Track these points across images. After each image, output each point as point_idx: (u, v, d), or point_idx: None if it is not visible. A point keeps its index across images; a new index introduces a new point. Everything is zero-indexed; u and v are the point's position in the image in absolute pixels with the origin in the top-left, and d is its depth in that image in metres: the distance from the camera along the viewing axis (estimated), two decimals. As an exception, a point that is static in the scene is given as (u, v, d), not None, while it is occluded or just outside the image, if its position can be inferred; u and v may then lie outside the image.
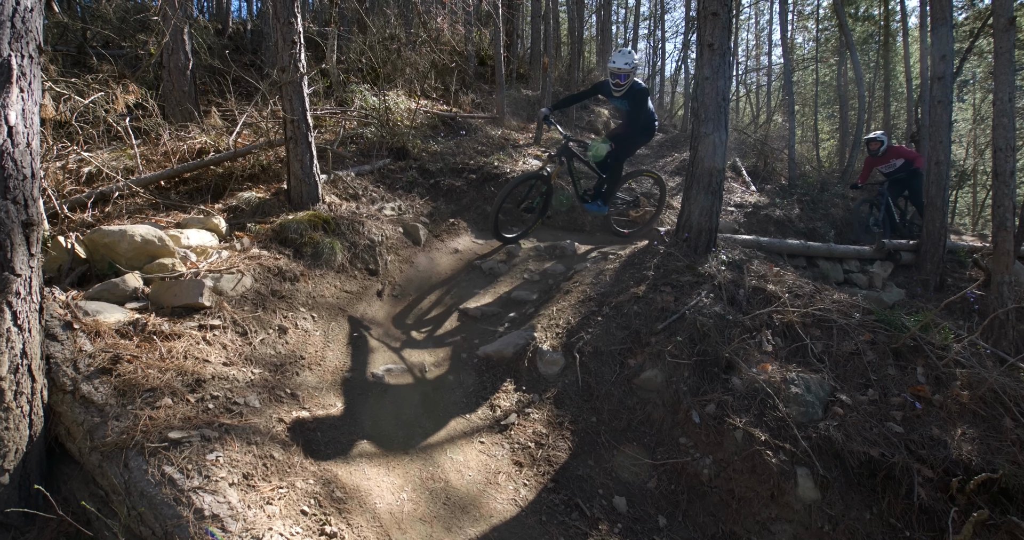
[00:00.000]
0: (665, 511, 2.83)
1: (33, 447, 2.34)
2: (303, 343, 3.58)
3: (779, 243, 5.93)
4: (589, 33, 16.73)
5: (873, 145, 7.57)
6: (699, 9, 4.23)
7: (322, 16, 10.05)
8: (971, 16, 12.04)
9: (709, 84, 4.11)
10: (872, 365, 3.23)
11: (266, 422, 2.70)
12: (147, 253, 3.55)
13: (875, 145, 7.56)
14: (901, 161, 7.51)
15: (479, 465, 2.98)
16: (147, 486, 2.14)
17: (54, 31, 7.40)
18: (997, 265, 4.53)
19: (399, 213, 5.61)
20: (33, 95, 2.38)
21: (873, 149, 7.58)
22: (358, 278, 4.52)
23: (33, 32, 2.35)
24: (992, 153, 4.71)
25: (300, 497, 2.34)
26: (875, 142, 7.58)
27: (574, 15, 11.48)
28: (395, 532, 2.45)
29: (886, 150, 7.56)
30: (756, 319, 3.55)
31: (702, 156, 4.16)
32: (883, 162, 7.66)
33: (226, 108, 6.42)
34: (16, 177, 2.28)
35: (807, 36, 19.15)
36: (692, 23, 14.49)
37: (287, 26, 4.53)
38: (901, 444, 2.77)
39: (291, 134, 4.67)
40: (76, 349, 2.65)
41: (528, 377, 3.60)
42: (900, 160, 7.52)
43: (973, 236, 10.43)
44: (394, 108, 7.17)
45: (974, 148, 16.51)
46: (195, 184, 5.07)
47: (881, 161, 7.66)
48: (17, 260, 2.29)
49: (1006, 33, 4.59)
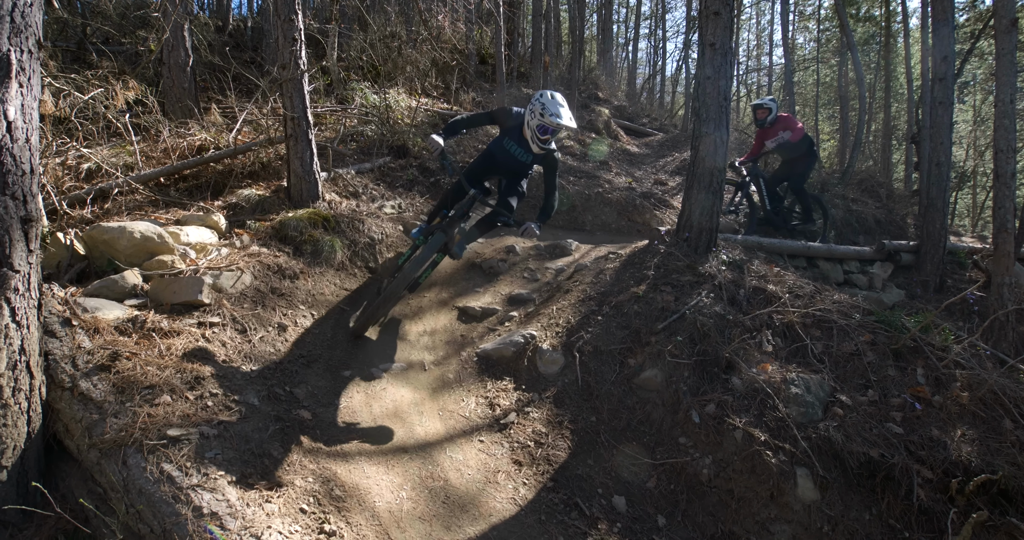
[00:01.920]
0: (664, 511, 2.82)
1: (31, 444, 2.33)
2: (302, 341, 3.57)
3: (779, 243, 5.93)
4: (590, 32, 16.72)
5: (760, 113, 6.53)
6: (701, 8, 4.22)
7: (323, 13, 10.02)
8: (972, 17, 12.04)
9: (711, 83, 4.10)
10: (872, 366, 3.23)
11: (265, 420, 2.69)
12: (146, 250, 3.54)
13: (762, 113, 6.52)
14: (788, 134, 6.42)
15: (478, 464, 2.97)
16: (146, 484, 2.13)
17: (54, 27, 7.37)
18: (997, 266, 4.53)
19: (399, 211, 5.60)
20: (32, 90, 2.37)
21: (760, 118, 6.54)
22: (358, 276, 4.51)
23: (32, 27, 2.33)
24: (993, 154, 4.71)
25: (299, 495, 2.34)
26: (762, 109, 6.52)
27: (575, 14, 11.48)
28: (394, 531, 2.45)
29: (775, 120, 6.51)
30: (756, 319, 3.54)
31: (703, 156, 4.15)
32: (771, 135, 6.53)
33: (226, 105, 6.40)
34: (15, 173, 2.27)
35: (808, 36, 19.16)
36: (693, 23, 14.49)
37: (288, 23, 4.51)
38: (901, 445, 2.77)
39: (291, 131, 4.66)
40: (75, 346, 2.64)
41: (528, 376, 3.59)
42: (788, 132, 6.42)
43: (972, 238, 10.44)
44: (395, 106, 7.16)
45: (974, 149, 16.52)
46: (195, 181, 5.05)
47: (770, 134, 6.55)
48: (16, 256, 2.28)
49: (1008, 34, 4.59)
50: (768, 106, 6.50)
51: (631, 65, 18.76)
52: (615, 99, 12.73)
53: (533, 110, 3.71)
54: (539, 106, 3.70)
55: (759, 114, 6.52)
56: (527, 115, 3.77)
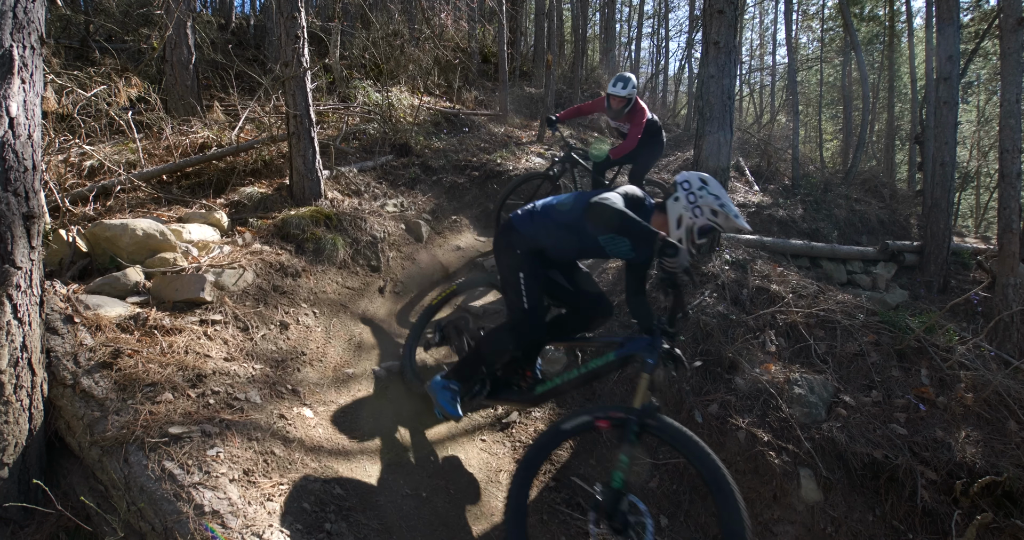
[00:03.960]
0: (667, 511, 2.81)
1: (33, 441, 2.33)
2: (304, 339, 3.57)
3: (783, 243, 5.91)
4: (593, 31, 16.71)
5: (615, 102, 4.88)
6: (704, 7, 4.21)
7: (325, 11, 10.01)
8: (976, 17, 11.99)
9: (714, 82, 4.09)
10: (876, 366, 3.22)
11: (267, 418, 2.68)
12: (149, 247, 3.53)
13: (617, 102, 4.87)
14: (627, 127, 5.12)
15: (480, 463, 2.96)
16: (147, 481, 2.12)
17: (57, 24, 7.37)
18: (1002, 267, 4.51)
19: (401, 210, 5.59)
20: (35, 87, 2.36)
21: (616, 107, 4.92)
22: (360, 274, 4.50)
23: (35, 23, 2.33)
24: (999, 155, 4.68)
25: (301, 494, 2.33)
26: (618, 99, 4.85)
27: (578, 13, 11.46)
28: (396, 529, 2.44)
29: (631, 111, 4.97)
30: (760, 319, 3.53)
31: (706, 155, 4.14)
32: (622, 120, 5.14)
33: (229, 103, 6.39)
34: (17, 169, 2.26)
35: (812, 36, 19.12)
36: (696, 22, 14.45)
37: (290, 21, 4.50)
38: (905, 446, 2.76)
39: (294, 129, 4.65)
40: (77, 343, 2.63)
41: (530, 375, 3.58)
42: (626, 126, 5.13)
43: (976, 238, 10.41)
44: (397, 104, 7.15)
45: (978, 150, 16.47)
46: (197, 179, 5.05)
47: (621, 119, 5.12)
48: (18, 253, 2.28)
49: (1014, 33, 4.56)
50: (627, 97, 4.83)
51: (634, 64, 18.73)
52: (618, 98, 12.68)
53: (699, 203, 2.40)
54: (709, 197, 2.40)
55: (614, 102, 4.91)
56: (682, 209, 2.42)
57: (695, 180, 2.44)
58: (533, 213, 2.74)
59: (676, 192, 2.45)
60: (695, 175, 2.47)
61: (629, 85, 4.77)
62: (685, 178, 2.48)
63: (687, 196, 2.42)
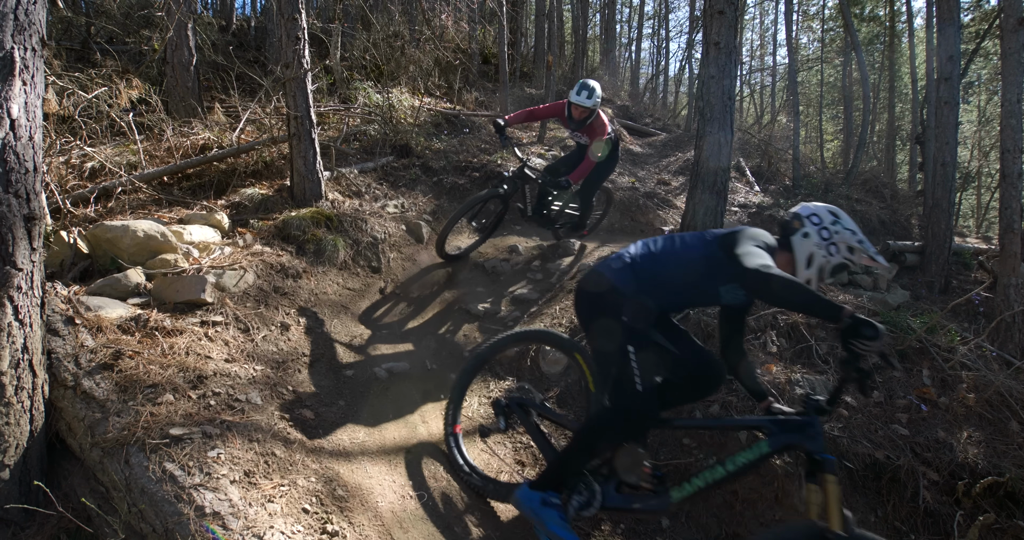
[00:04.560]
0: (668, 512, 2.80)
1: (33, 443, 2.33)
2: (305, 340, 3.57)
3: (783, 244, 5.90)
4: (593, 32, 16.72)
5: (577, 111, 4.58)
6: (705, 8, 4.21)
7: (326, 13, 10.03)
8: (977, 17, 11.99)
9: (715, 83, 4.09)
10: (877, 367, 3.21)
11: (268, 419, 2.68)
12: (149, 249, 3.53)
13: (580, 112, 4.57)
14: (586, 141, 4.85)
15: (481, 464, 2.96)
16: (148, 483, 2.12)
17: (58, 26, 7.38)
18: (1003, 267, 4.50)
19: (402, 211, 5.59)
20: (36, 88, 2.36)
21: (577, 117, 4.62)
22: (360, 275, 4.50)
23: (36, 25, 2.33)
24: (1000, 155, 4.68)
25: (302, 495, 2.33)
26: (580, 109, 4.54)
27: (578, 14, 11.47)
28: (397, 531, 2.44)
29: (592, 123, 4.70)
30: (761, 320, 3.52)
31: (707, 156, 4.14)
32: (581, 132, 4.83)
33: (229, 104, 6.40)
34: (18, 171, 2.27)
35: (812, 36, 19.12)
36: (696, 22, 14.46)
37: (291, 22, 4.51)
38: (906, 447, 2.75)
39: (294, 131, 4.66)
40: (78, 344, 2.64)
41: (531, 376, 3.58)
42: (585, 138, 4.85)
43: (977, 238, 10.39)
44: (397, 105, 7.15)
45: (979, 150, 16.45)
46: (198, 180, 5.05)
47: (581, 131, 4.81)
48: (19, 254, 2.28)
49: (1015, 33, 4.55)
50: (591, 106, 4.54)
51: (634, 65, 18.75)
52: (618, 99, 12.71)
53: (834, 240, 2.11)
54: (845, 233, 2.12)
55: (575, 112, 4.61)
56: (814, 246, 2.12)
57: (824, 213, 2.14)
58: (633, 266, 2.26)
59: (803, 227, 2.13)
60: (822, 207, 2.17)
61: (594, 95, 4.41)
62: (812, 211, 2.16)
63: (819, 232, 2.10)
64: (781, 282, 1.85)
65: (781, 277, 1.86)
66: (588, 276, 2.39)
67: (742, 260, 1.99)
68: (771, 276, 1.87)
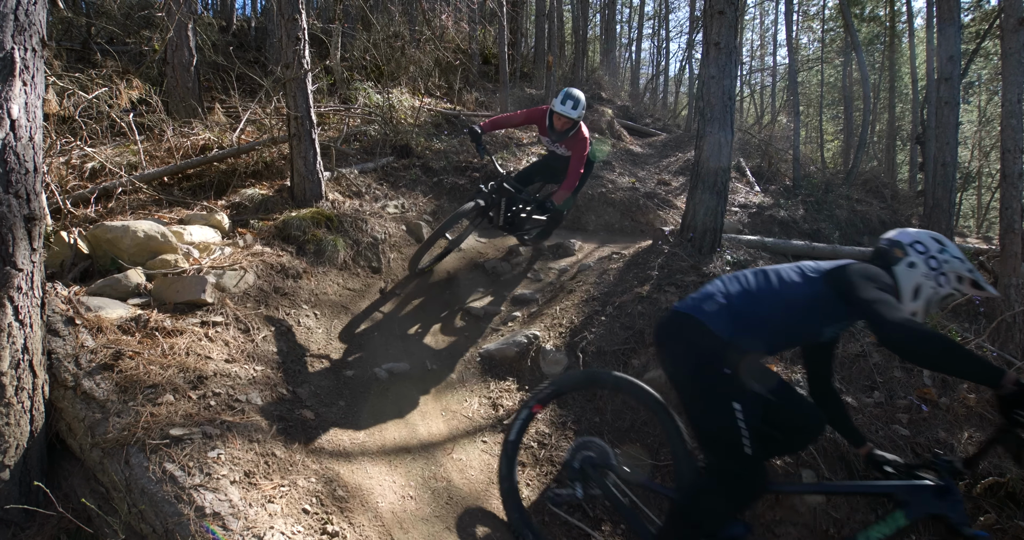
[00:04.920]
0: (668, 512, 2.80)
1: (34, 443, 2.33)
2: (305, 340, 3.57)
3: (784, 244, 5.90)
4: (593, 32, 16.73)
5: (561, 122, 4.35)
6: (705, 8, 4.21)
7: (326, 13, 10.03)
8: (977, 17, 11.99)
9: (715, 83, 4.09)
10: (878, 367, 3.21)
11: (268, 420, 2.68)
12: (150, 249, 3.54)
13: (563, 123, 4.35)
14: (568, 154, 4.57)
15: (481, 464, 2.96)
16: (148, 483, 2.12)
17: (59, 27, 7.39)
18: (1004, 268, 4.49)
19: (402, 211, 5.60)
20: (36, 89, 2.36)
21: (560, 128, 4.38)
22: (361, 276, 4.50)
23: (36, 25, 2.33)
24: (1000, 155, 4.67)
25: (302, 496, 2.33)
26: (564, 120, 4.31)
27: (578, 14, 11.48)
28: (397, 532, 2.44)
29: (575, 135, 4.44)
30: (761, 320, 3.52)
31: (707, 156, 4.13)
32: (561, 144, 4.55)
33: (230, 105, 6.40)
34: (19, 171, 2.27)
35: (812, 36, 19.13)
36: (696, 22, 14.47)
37: (291, 23, 4.51)
38: (907, 447, 2.75)
39: (295, 131, 4.66)
40: (78, 345, 2.64)
41: (531, 377, 3.58)
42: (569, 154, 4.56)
43: (978, 239, 10.40)
44: (398, 106, 7.15)
45: (979, 150, 16.46)
46: (198, 180, 5.05)
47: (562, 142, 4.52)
48: (19, 255, 2.28)
49: (1015, 33, 4.54)
50: (576, 117, 4.31)
51: (634, 65, 18.75)
52: (618, 99, 12.71)
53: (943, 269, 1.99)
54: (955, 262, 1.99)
55: (557, 122, 4.38)
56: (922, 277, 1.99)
57: (929, 240, 1.99)
58: (730, 307, 2.00)
59: (908, 256, 1.97)
60: (925, 234, 2.02)
61: (579, 106, 4.19)
62: (915, 238, 2.00)
63: (926, 261, 1.95)
64: (939, 345, 1.64)
65: (938, 338, 1.65)
66: (674, 320, 2.11)
67: (879, 311, 1.76)
68: (926, 337, 1.65)
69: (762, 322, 1.98)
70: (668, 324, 2.14)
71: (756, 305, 2.00)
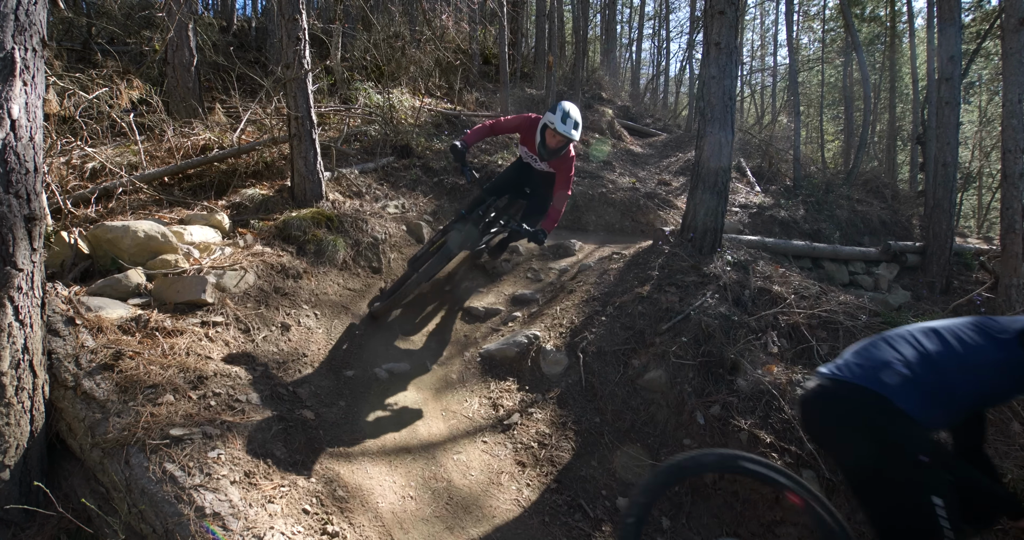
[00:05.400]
0: (668, 513, 2.80)
1: (34, 443, 2.33)
2: (306, 340, 3.57)
3: (784, 244, 5.91)
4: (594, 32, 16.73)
5: (555, 140, 3.83)
6: (705, 8, 4.21)
7: (327, 13, 10.03)
8: (978, 18, 11.98)
9: (715, 83, 4.08)
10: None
11: (268, 420, 2.68)
12: (150, 249, 3.54)
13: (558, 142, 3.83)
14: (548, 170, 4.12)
15: (482, 465, 2.96)
16: (148, 483, 2.12)
17: (59, 27, 7.39)
18: (1005, 268, 4.50)
19: (402, 211, 5.59)
20: (36, 89, 2.37)
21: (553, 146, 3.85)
22: (361, 276, 4.50)
23: (37, 25, 2.33)
24: (1001, 155, 4.67)
25: (302, 496, 2.33)
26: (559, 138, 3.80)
27: (579, 14, 11.47)
28: (397, 532, 2.44)
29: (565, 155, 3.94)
30: (761, 320, 3.52)
31: (708, 156, 4.13)
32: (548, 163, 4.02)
33: (230, 105, 6.40)
34: (19, 171, 2.27)
35: (812, 37, 19.12)
36: (697, 23, 14.47)
37: (292, 23, 4.51)
38: None
39: (295, 131, 4.66)
40: (78, 345, 2.64)
41: (531, 377, 3.58)
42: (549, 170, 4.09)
43: (978, 239, 10.39)
44: (398, 106, 7.15)
45: (979, 150, 16.44)
46: (199, 180, 5.05)
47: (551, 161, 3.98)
48: (19, 255, 2.28)
49: (1016, 33, 4.55)
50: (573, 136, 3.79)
51: (635, 65, 18.75)
52: (619, 99, 12.71)
53: None
54: None
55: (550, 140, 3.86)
56: None
57: None
58: (915, 379, 1.69)
59: None
60: None
61: (579, 128, 3.79)
62: None
63: None
64: None
65: None
66: (839, 392, 1.74)
67: None
68: None
69: (950, 394, 1.68)
70: (837, 401, 1.76)
71: (941, 374, 1.69)
